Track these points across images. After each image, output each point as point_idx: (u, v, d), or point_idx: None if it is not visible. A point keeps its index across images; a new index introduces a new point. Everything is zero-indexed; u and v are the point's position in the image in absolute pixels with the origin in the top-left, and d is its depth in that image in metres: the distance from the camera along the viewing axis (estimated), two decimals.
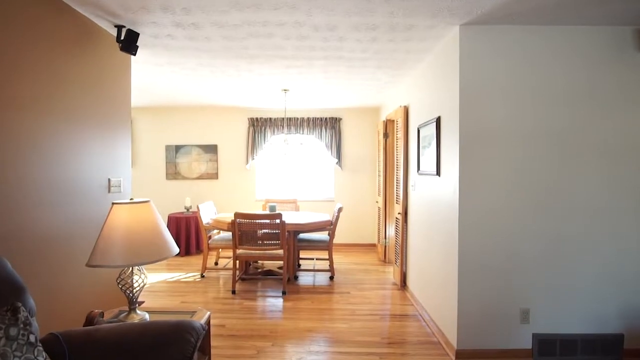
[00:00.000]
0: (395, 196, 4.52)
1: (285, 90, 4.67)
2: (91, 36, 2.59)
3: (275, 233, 3.95)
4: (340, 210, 4.63)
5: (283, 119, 6.20)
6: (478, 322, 2.64)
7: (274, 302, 3.80)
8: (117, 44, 2.73)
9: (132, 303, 1.94)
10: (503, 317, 2.64)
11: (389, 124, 5.32)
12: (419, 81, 3.65)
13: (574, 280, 2.62)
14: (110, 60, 2.82)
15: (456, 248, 2.64)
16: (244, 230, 3.96)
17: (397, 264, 4.31)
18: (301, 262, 5.27)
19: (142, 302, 3.77)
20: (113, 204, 1.88)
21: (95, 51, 2.63)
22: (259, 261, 4.95)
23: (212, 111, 6.31)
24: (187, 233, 5.75)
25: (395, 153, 4.64)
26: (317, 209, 6.29)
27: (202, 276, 4.63)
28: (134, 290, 1.93)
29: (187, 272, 4.82)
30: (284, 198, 6.19)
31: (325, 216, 4.76)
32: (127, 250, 1.82)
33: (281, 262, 4.73)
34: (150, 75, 4.01)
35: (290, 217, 4.58)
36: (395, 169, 4.51)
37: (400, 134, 4.30)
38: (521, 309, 2.63)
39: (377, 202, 5.85)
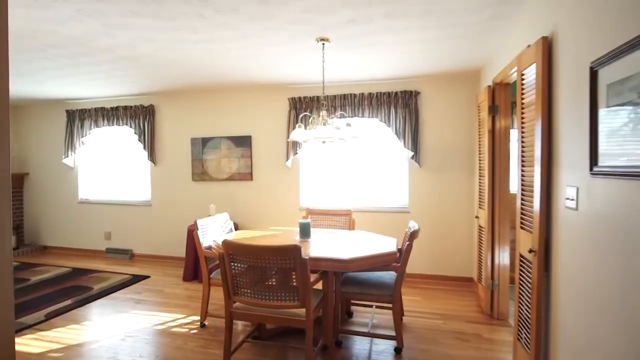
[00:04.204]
0: (518, 215, 2.45)
1: (322, 40, 2.91)
2: None
3: (289, 276, 2.24)
4: (414, 235, 2.73)
5: (335, 96, 4.45)
6: None
7: None
8: None
9: None
10: None
11: (499, 91, 3.22)
12: None
13: None
14: None
15: None
16: (243, 270, 2.33)
17: (526, 345, 2.26)
18: (353, 308, 3.47)
19: None
20: None
21: None
22: None
23: (243, 92, 4.86)
24: None
25: (517, 137, 2.55)
26: (383, 225, 4.42)
27: (203, 325, 3.14)
28: None
29: (187, 315, 3.38)
30: (335, 207, 4.44)
31: (389, 243, 2.90)
32: None
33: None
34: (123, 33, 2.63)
35: (329, 245, 2.83)
36: (518, 165, 2.44)
37: (529, 98, 2.24)
38: None
39: (476, 217, 3.76)
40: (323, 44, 2.97)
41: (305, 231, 3.03)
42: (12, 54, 3.26)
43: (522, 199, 2.37)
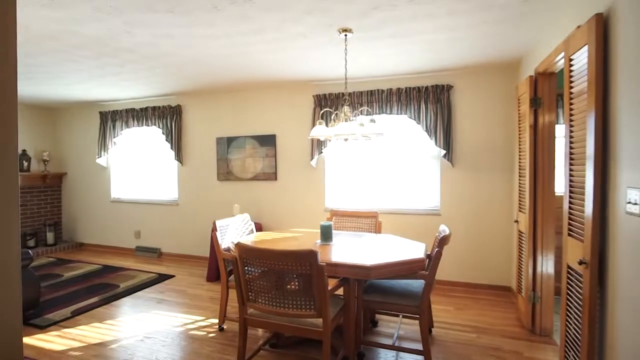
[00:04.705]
0: (565, 220, 2.15)
1: (344, 30, 2.74)
2: None
3: (304, 283, 2.08)
4: (444, 240, 2.49)
5: (362, 92, 4.25)
6: None
7: None
8: None
9: None
10: None
11: (542, 82, 2.90)
12: None
13: None
14: None
15: None
16: (257, 274, 2.20)
17: None
18: (379, 316, 3.26)
19: None
20: None
21: None
22: None
23: (267, 90, 4.77)
24: None
25: (564, 132, 2.25)
26: (412, 228, 4.17)
27: (221, 329, 3.05)
28: None
29: (207, 317, 3.31)
30: (361, 209, 4.27)
31: (417, 248, 2.67)
32: None
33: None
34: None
35: (351, 250, 2.65)
36: (566, 163, 2.14)
37: (579, 87, 1.95)
38: None
39: (516, 221, 3.43)
40: (345, 35, 2.79)
41: (326, 234, 2.87)
42: (39, 57, 3.34)
43: (570, 203, 2.07)
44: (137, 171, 5.66)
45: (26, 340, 2.87)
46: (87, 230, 6.05)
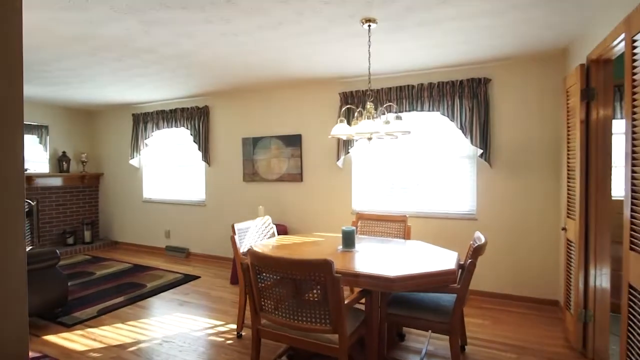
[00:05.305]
0: (626, 231, 1.82)
1: (368, 21, 2.53)
2: None
3: (319, 295, 1.90)
4: (478, 250, 2.22)
5: (390, 88, 4.01)
6: None
7: None
8: None
9: None
10: None
11: (595, 70, 2.54)
12: None
13: None
14: None
15: None
16: (270, 283, 2.06)
17: None
18: (406, 329, 3.02)
19: None
20: None
21: None
22: None
23: (292, 89, 4.64)
24: None
25: (625, 127, 1.91)
26: (444, 234, 3.87)
27: (239, 336, 2.95)
28: None
29: (227, 322, 3.23)
30: (389, 212, 4.03)
31: (448, 258, 2.42)
32: None
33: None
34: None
35: (375, 258, 2.44)
36: (627, 163, 1.81)
37: None
38: None
39: (563, 228, 3.06)
40: (369, 26, 2.58)
41: (348, 240, 2.68)
42: (68, 61, 3.40)
43: (632, 211, 1.75)
44: (167, 172, 5.74)
45: (52, 338, 2.92)
46: (121, 229, 6.23)
